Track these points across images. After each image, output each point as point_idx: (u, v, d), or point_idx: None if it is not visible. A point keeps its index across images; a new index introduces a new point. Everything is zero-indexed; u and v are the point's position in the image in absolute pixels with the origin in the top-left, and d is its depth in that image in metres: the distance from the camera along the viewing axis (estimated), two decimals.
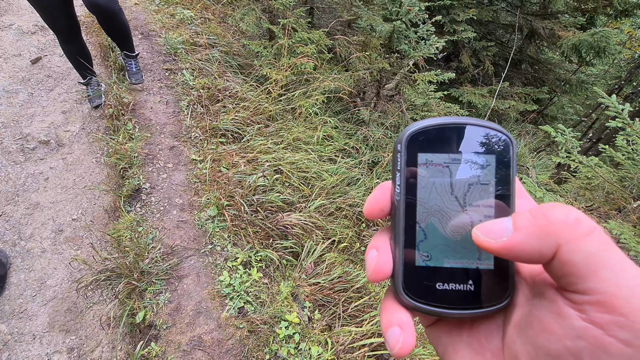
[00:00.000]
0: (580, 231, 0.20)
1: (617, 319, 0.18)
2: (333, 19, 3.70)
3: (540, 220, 0.21)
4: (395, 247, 0.27)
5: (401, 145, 0.27)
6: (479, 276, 0.26)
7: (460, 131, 0.26)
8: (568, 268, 0.20)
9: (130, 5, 3.68)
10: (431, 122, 0.27)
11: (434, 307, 0.26)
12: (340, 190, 2.47)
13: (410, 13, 2.61)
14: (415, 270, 0.27)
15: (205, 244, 2.03)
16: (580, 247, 0.20)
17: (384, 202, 0.28)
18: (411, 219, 0.27)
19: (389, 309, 0.27)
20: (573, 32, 3.90)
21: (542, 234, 0.21)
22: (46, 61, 3.05)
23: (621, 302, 0.18)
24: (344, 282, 1.94)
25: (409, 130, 0.27)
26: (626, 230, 1.60)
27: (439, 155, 0.26)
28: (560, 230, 0.21)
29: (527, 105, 4.19)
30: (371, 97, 3.35)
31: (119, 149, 2.35)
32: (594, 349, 0.19)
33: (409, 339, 0.25)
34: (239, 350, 1.65)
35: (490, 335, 0.26)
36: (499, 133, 0.26)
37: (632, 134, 1.79)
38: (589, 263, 0.19)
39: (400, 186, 0.27)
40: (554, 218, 0.21)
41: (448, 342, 0.27)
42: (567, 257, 0.20)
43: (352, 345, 1.70)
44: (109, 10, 2.19)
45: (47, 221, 2.16)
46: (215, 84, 2.88)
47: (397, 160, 0.27)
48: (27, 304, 1.86)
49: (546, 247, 0.21)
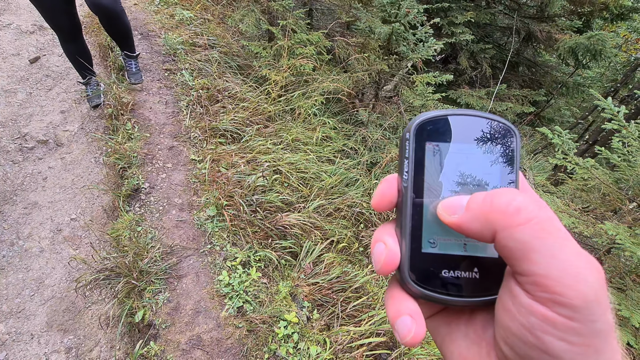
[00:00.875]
0: (516, 220, 0.21)
1: (553, 297, 0.20)
2: (332, 20, 3.71)
3: (485, 205, 0.23)
4: (402, 235, 0.27)
5: (409, 134, 0.27)
6: (484, 264, 0.26)
7: (467, 122, 0.27)
8: (505, 252, 0.22)
9: (130, 6, 3.69)
10: (439, 112, 0.28)
11: (441, 295, 0.26)
12: (339, 190, 2.48)
13: (408, 15, 2.63)
14: (422, 257, 0.27)
15: (205, 244, 2.03)
16: (513, 235, 0.21)
17: (392, 194, 0.29)
18: (418, 206, 0.27)
19: (396, 297, 0.27)
20: (570, 35, 3.94)
21: (483, 218, 0.23)
22: (45, 61, 3.04)
23: (553, 282, 0.20)
24: (342, 282, 1.94)
25: (418, 119, 0.28)
26: (622, 231, 1.62)
27: (446, 144, 0.27)
28: (497, 218, 0.22)
29: (524, 108, 4.22)
30: (370, 98, 3.37)
31: (118, 149, 2.35)
32: (543, 324, 0.20)
33: (420, 328, 0.25)
34: (238, 349, 1.66)
35: (486, 325, 0.26)
36: (505, 125, 0.27)
37: (627, 136, 1.81)
38: (521, 249, 0.21)
39: (409, 173, 0.27)
40: (496, 205, 0.22)
41: (446, 332, 0.28)
42: (503, 243, 0.22)
43: (351, 345, 1.71)
44: (112, 11, 2.19)
45: (45, 221, 2.15)
46: (214, 84, 2.88)
47: (405, 148, 0.28)
48: (25, 303, 1.85)
49: (486, 230, 0.23)
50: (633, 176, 1.85)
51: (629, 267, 1.78)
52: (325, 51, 3.12)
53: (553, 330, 0.20)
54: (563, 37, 3.89)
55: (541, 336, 0.20)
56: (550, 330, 0.20)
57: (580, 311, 0.19)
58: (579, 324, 0.20)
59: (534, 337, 0.21)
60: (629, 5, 3.94)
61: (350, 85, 3.05)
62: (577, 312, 0.19)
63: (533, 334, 0.21)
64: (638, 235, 1.63)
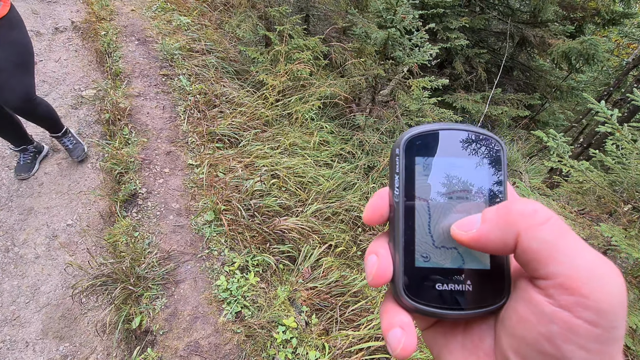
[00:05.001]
0: (537, 219, 0.22)
1: (580, 300, 0.19)
2: (328, 26, 3.75)
3: (503, 212, 0.23)
4: (395, 250, 0.27)
5: (399, 149, 0.28)
6: (477, 276, 0.27)
7: (455, 135, 0.28)
8: (529, 255, 0.22)
9: (127, 12, 3.70)
10: (428, 127, 0.28)
11: (435, 309, 0.26)
12: (337, 194, 2.49)
13: (404, 21, 2.66)
14: (415, 271, 0.27)
15: (202, 249, 2.02)
16: (536, 235, 0.21)
17: (383, 207, 0.29)
18: (410, 220, 0.27)
19: (390, 311, 0.27)
20: (562, 40, 4.00)
21: (504, 224, 0.23)
22: (41, 66, 3.04)
23: (580, 283, 0.20)
24: (340, 287, 1.94)
25: (406, 135, 0.28)
26: (617, 233, 1.64)
27: (436, 159, 0.28)
28: (518, 220, 0.22)
29: (519, 111, 4.27)
30: (366, 102, 3.39)
31: (115, 154, 2.35)
32: (565, 332, 0.20)
33: (410, 339, 0.25)
34: (237, 355, 1.65)
35: (483, 336, 0.26)
36: (491, 138, 0.28)
37: (621, 138, 1.83)
38: (546, 249, 0.21)
39: (399, 188, 0.28)
40: (514, 209, 0.23)
41: (443, 343, 0.28)
42: (526, 245, 0.22)
43: (350, 350, 1.70)
44: (24, 110, 1.93)
45: (41, 227, 2.14)
46: (212, 89, 2.89)
47: (396, 164, 0.28)
48: (20, 310, 1.83)
49: (508, 236, 0.23)
50: (627, 178, 1.88)
51: (625, 268, 1.80)
52: (322, 56, 3.14)
53: (575, 338, 0.20)
54: (556, 42, 3.95)
55: (561, 345, 0.20)
56: (571, 339, 0.20)
57: (606, 316, 0.19)
58: (601, 331, 0.19)
59: (553, 347, 0.20)
60: (620, 11, 4.01)
61: (347, 90, 3.07)
62: (601, 317, 0.19)
63: (552, 343, 0.20)
64: (633, 237, 1.65)
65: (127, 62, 3.09)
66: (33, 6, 3.63)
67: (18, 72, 1.79)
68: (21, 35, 1.81)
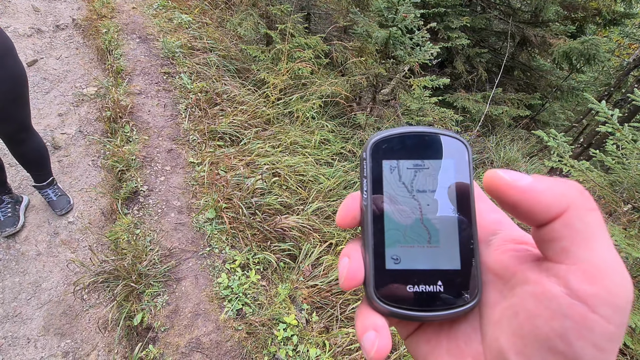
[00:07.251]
0: (590, 204, 0.21)
1: (599, 292, 0.19)
2: (330, 25, 3.75)
3: (560, 181, 0.23)
4: (366, 252, 0.27)
5: (366, 153, 0.28)
6: (447, 277, 0.27)
7: (420, 139, 0.28)
8: (567, 231, 0.21)
9: (128, 10, 3.70)
10: (393, 131, 0.29)
11: (407, 311, 0.26)
12: (337, 193, 2.49)
13: (405, 20, 2.66)
14: (386, 273, 0.27)
15: (204, 247, 2.03)
16: (584, 216, 0.21)
17: (355, 210, 0.29)
18: (379, 223, 0.27)
19: (363, 315, 0.27)
20: (563, 40, 4.00)
21: (559, 192, 0.22)
22: (42, 64, 3.04)
23: (604, 275, 0.19)
24: None
25: (373, 139, 0.28)
26: (617, 233, 1.65)
27: (402, 162, 0.28)
28: (575, 195, 0.22)
29: (519, 111, 4.28)
30: (367, 101, 3.39)
31: (116, 152, 2.35)
32: (580, 328, 0.19)
33: (384, 341, 0.25)
34: (238, 352, 1.65)
35: (469, 339, 0.26)
36: (456, 140, 0.28)
37: (621, 138, 1.84)
38: (586, 232, 0.21)
39: (367, 192, 0.28)
40: (572, 184, 0.22)
41: (427, 350, 0.27)
42: (570, 221, 0.21)
43: (350, 347, 1.71)
44: (16, 140, 1.83)
45: (42, 224, 2.14)
46: (213, 87, 2.89)
47: (364, 168, 0.29)
48: (22, 307, 1.84)
49: (556, 203, 0.21)
50: (627, 178, 1.88)
51: None
52: (323, 55, 3.14)
53: (588, 334, 0.19)
54: (557, 41, 3.95)
55: (574, 342, 0.19)
56: (585, 335, 0.19)
57: (620, 312, 0.19)
58: (614, 328, 0.19)
59: (565, 344, 0.20)
60: (621, 11, 4.02)
61: (348, 89, 3.08)
62: (616, 313, 0.19)
63: (565, 340, 0.20)
64: (633, 237, 1.66)
65: (129, 60, 3.09)
66: (34, 3, 3.63)
67: (13, 106, 1.69)
68: (12, 63, 1.62)
